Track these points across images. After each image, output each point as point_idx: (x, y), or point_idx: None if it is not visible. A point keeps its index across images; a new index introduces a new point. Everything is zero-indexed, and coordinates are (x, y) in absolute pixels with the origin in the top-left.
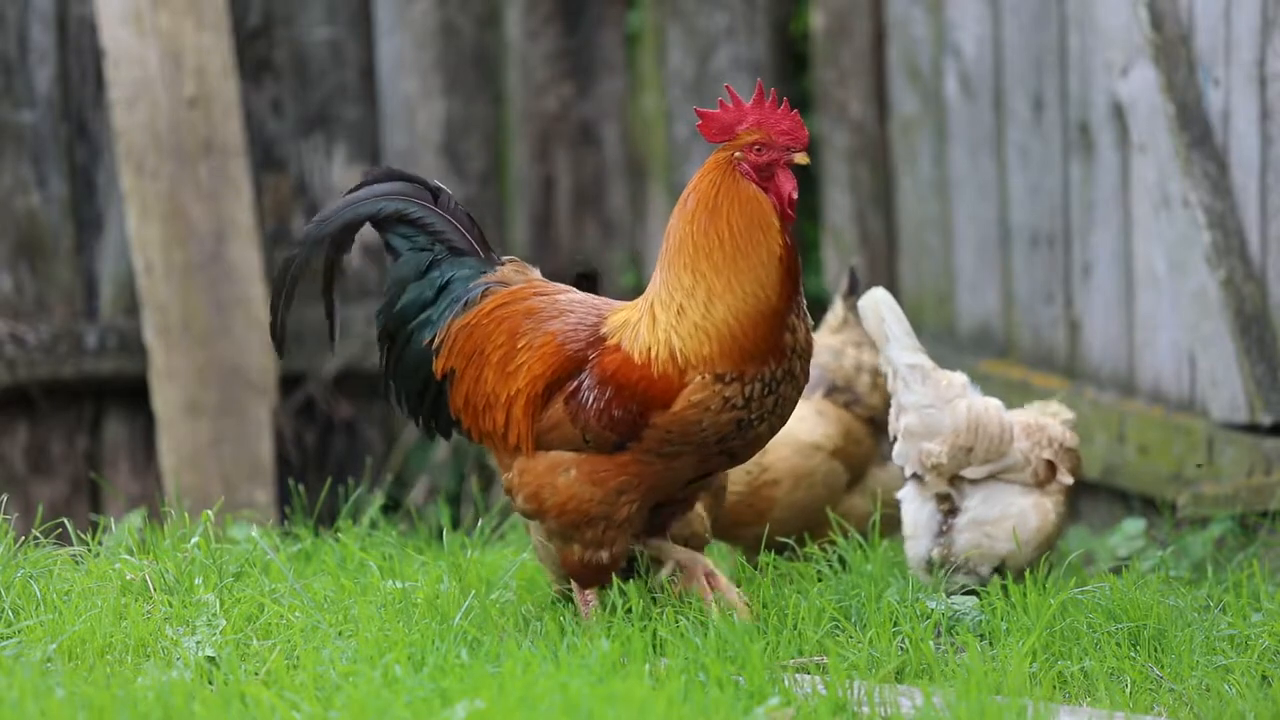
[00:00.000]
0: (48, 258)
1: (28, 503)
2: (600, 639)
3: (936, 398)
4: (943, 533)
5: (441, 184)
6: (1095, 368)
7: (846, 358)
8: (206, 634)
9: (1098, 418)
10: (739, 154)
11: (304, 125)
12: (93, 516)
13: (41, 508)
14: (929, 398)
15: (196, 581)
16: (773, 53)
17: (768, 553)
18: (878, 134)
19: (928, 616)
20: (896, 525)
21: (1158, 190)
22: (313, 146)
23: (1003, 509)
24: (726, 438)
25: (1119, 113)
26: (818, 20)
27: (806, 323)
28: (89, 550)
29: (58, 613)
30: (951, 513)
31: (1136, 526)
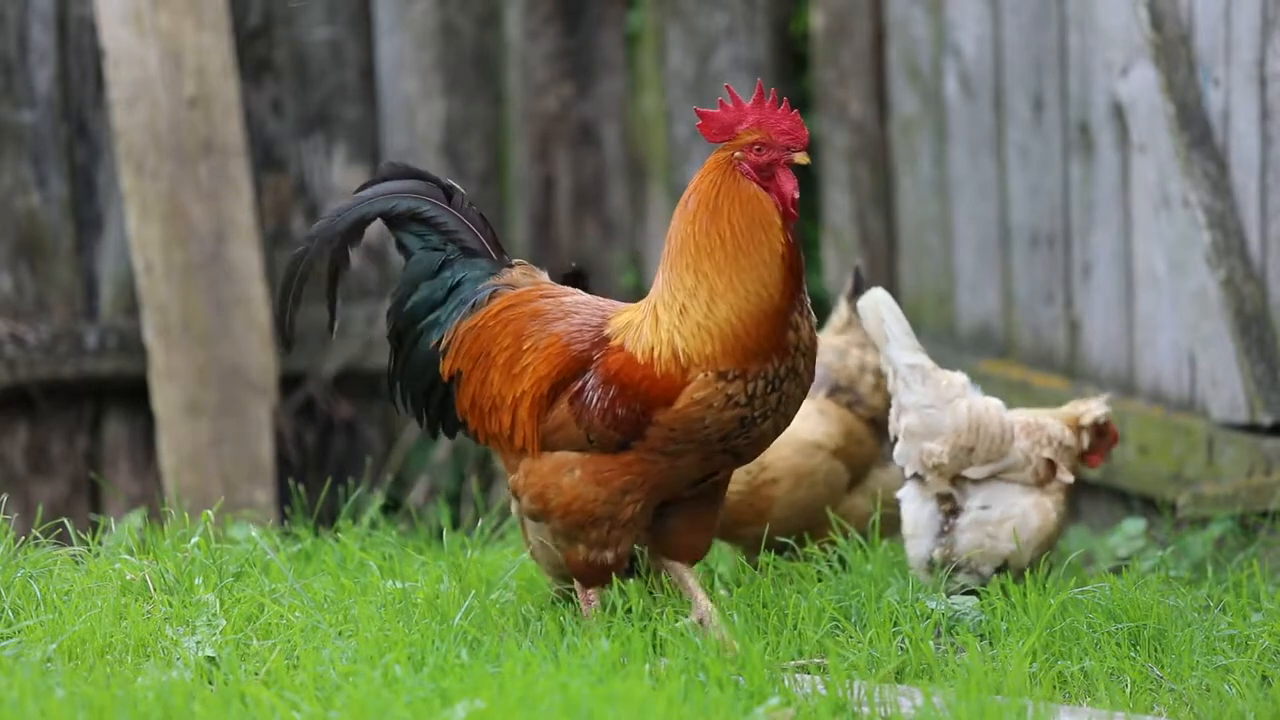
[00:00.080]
0: (48, 258)
1: (28, 503)
2: (600, 639)
3: (937, 398)
4: (944, 533)
5: (455, 183)
6: (1095, 368)
7: (850, 358)
8: (206, 634)
9: None
10: (739, 154)
11: (304, 125)
12: (93, 516)
13: (41, 508)
14: (929, 398)
15: (196, 581)
16: (773, 53)
17: (768, 552)
18: (878, 134)
19: (928, 616)
20: (897, 525)
21: (1158, 190)
22: (313, 146)
23: (1004, 509)
24: (730, 436)
25: (1119, 113)
26: (818, 20)
27: (810, 320)
28: (89, 550)
29: (58, 613)
30: (953, 513)
31: (1136, 526)
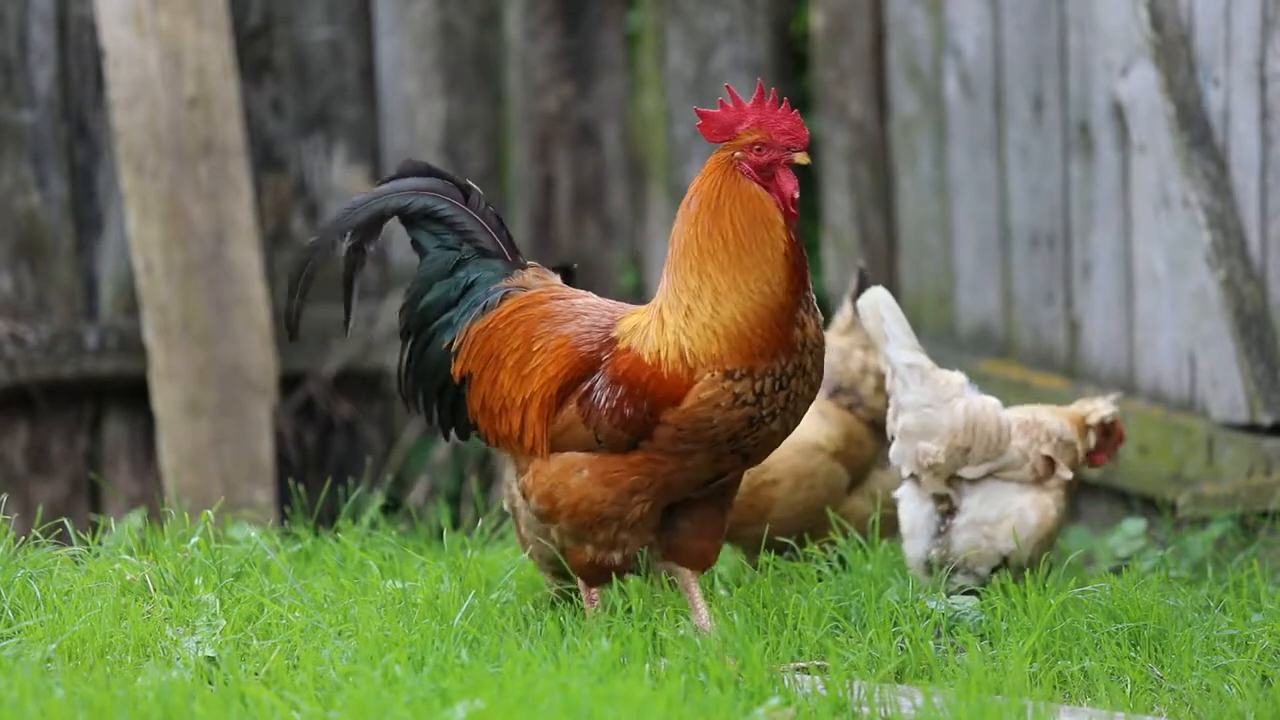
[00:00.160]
0: (48, 258)
1: (28, 503)
2: (600, 639)
3: (934, 397)
4: (940, 533)
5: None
6: (1095, 368)
7: (853, 360)
8: (206, 634)
9: None
10: (739, 154)
11: (304, 125)
12: (93, 516)
13: (41, 508)
14: (927, 397)
15: (196, 581)
16: (773, 53)
17: (768, 553)
18: (878, 134)
19: (928, 616)
20: (897, 526)
21: (1158, 190)
22: (313, 147)
23: (1001, 509)
24: (738, 435)
25: (1119, 113)
26: (818, 20)
27: (816, 318)
28: (89, 550)
29: (58, 613)
30: (950, 513)
31: (1136, 526)
